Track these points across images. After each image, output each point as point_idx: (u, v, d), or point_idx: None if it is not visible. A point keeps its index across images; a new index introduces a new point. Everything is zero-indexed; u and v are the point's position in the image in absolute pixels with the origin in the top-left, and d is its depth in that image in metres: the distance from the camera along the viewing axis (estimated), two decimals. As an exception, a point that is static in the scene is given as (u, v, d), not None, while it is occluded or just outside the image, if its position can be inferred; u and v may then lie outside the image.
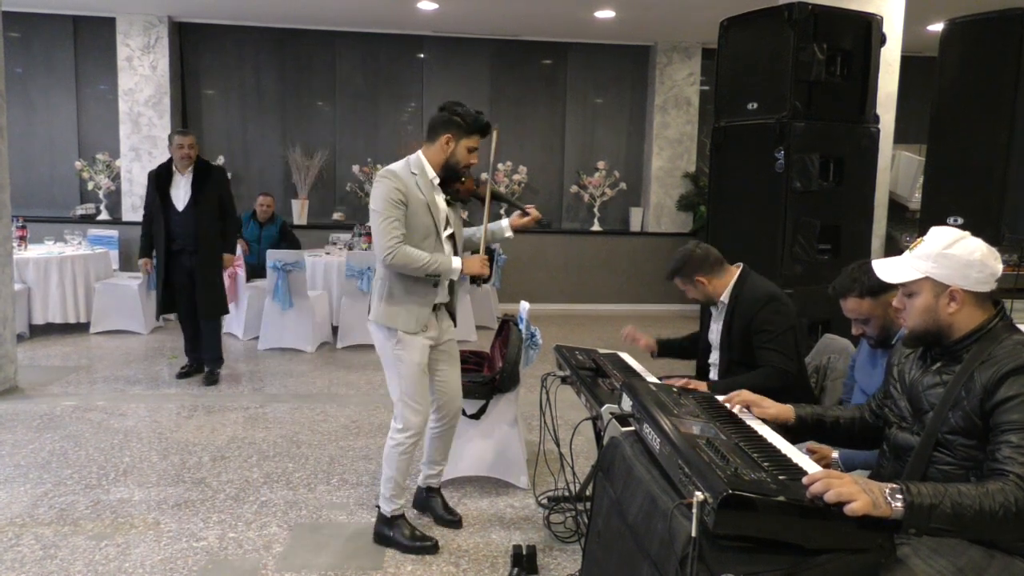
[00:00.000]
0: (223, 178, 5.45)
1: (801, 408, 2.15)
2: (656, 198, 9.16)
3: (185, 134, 5.24)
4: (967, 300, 1.81)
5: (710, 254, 3.09)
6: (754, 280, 3.07)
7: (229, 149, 8.79)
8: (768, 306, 2.96)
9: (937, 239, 1.84)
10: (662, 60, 8.99)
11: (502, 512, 3.42)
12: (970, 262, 1.79)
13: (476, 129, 2.98)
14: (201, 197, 5.18)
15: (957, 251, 1.80)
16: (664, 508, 1.65)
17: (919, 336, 1.89)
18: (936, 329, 1.85)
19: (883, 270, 1.92)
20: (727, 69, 4.90)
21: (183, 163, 5.19)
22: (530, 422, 4.39)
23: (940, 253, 1.81)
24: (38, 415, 4.59)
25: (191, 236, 5.18)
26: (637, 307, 8.95)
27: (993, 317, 1.82)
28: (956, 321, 1.82)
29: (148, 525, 3.21)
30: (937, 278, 1.82)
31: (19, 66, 8.36)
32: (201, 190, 5.19)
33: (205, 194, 5.20)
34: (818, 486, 1.52)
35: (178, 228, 5.19)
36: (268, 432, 4.41)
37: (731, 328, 3.04)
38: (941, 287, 1.82)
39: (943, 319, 1.83)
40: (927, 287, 1.84)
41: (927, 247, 1.84)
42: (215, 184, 5.27)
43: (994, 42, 4.21)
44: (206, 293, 5.28)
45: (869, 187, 4.78)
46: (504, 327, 3.83)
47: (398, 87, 8.98)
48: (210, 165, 5.38)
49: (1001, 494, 1.56)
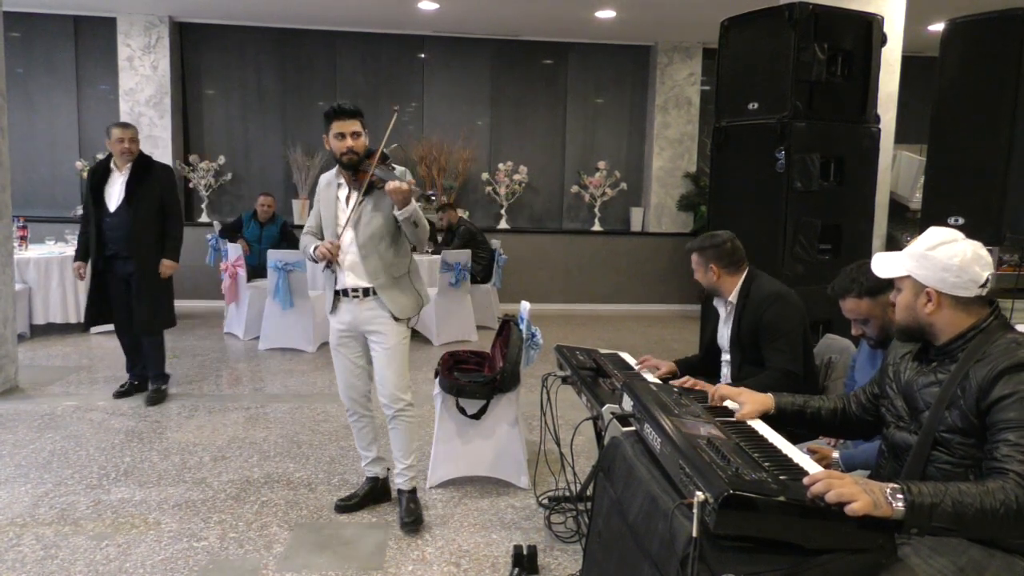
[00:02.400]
0: (167, 177, 4.89)
1: (781, 398, 2.16)
2: (657, 198, 9.16)
3: (125, 126, 4.72)
4: (945, 303, 1.83)
5: (736, 252, 3.10)
6: (762, 280, 3.08)
7: (230, 149, 8.80)
8: (775, 305, 2.96)
9: (926, 239, 1.86)
10: (663, 60, 8.99)
11: (502, 512, 3.43)
12: (947, 266, 1.80)
13: (329, 118, 3.13)
14: (137, 197, 4.65)
15: (939, 254, 1.82)
16: (665, 508, 1.65)
17: (902, 331, 1.94)
18: (916, 327, 1.88)
19: (877, 263, 1.96)
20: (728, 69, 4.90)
21: (122, 159, 4.67)
22: (531, 422, 4.39)
23: (922, 253, 1.84)
24: (39, 415, 4.59)
25: (123, 240, 4.65)
26: (637, 307, 8.95)
27: (986, 317, 1.83)
28: (936, 322, 1.84)
29: (149, 525, 3.21)
30: (916, 277, 1.85)
31: (20, 66, 8.37)
32: (137, 189, 4.66)
33: (142, 194, 4.66)
34: (819, 486, 1.52)
35: (110, 231, 4.67)
36: (269, 432, 4.42)
37: (740, 329, 3.04)
38: (920, 286, 1.85)
39: (922, 318, 1.85)
40: (908, 285, 1.88)
41: (915, 245, 1.87)
42: (156, 183, 4.73)
43: (995, 42, 4.21)
44: (140, 305, 4.73)
45: (870, 187, 4.78)
46: (505, 327, 3.83)
47: (398, 87, 8.98)
48: (152, 162, 4.83)
49: (1001, 492, 1.56)
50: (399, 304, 3.23)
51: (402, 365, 3.28)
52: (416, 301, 3.32)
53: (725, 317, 3.16)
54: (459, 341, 6.82)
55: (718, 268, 3.08)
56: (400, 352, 3.27)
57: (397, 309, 3.22)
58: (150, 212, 4.71)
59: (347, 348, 3.32)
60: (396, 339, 3.25)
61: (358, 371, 3.35)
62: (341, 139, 3.11)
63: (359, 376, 3.37)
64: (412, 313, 3.30)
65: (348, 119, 3.12)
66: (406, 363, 3.31)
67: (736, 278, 3.09)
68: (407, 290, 3.27)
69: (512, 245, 8.53)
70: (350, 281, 3.22)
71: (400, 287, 3.25)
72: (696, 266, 3.14)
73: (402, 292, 3.25)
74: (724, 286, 3.10)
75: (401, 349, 3.27)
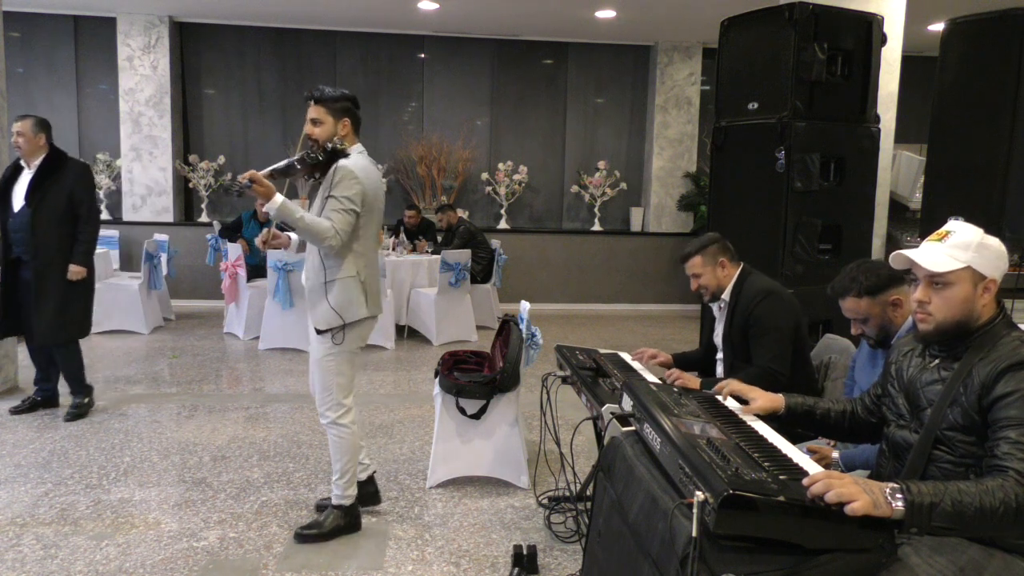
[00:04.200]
0: (80, 175, 4.45)
1: (791, 398, 2.16)
2: (657, 198, 9.16)
3: (22, 119, 4.33)
4: (994, 291, 1.84)
5: (730, 246, 3.14)
6: (754, 277, 3.09)
7: (230, 148, 8.80)
8: (765, 301, 2.97)
9: (970, 231, 1.85)
10: (663, 60, 8.99)
11: (502, 512, 3.42)
12: (1001, 253, 1.84)
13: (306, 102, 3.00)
14: (40, 195, 4.30)
15: (990, 242, 1.84)
16: (665, 508, 1.65)
17: (947, 328, 1.84)
18: (967, 320, 1.84)
19: (926, 259, 1.84)
20: (728, 69, 4.90)
21: (28, 157, 4.34)
22: (531, 422, 4.39)
23: (980, 243, 1.83)
24: (39, 415, 4.59)
25: (25, 242, 4.32)
26: (637, 307, 8.95)
27: (997, 315, 1.83)
28: (984, 313, 1.84)
29: (149, 525, 3.21)
30: (978, 268, 1.83)
31: (20, 66, 8.37)
32: (41, 187, 4.31)
33: (46, 192, 4.31)
34: (819, 486, 1.52)
35: (13, 232, 4.36)
36: (268, 432, 4.42)
37: (732, 326, 3.05)
38: (980, 277, 1.83)
39: (976, 309, 1.83)
40: (967, 277, 1.82)
41: (963, 237, 1.83)
42: (65, 181, 4.35)
43: (995, 42, 4.21)
44: (39, 312, 4.36)
45: (870, 187, 4.79)
46: (505, 327, 3.83)
47: (399, 87, 8.98)
48: (64, 159, 4.43)
49: (1001, 491, 1.56)
50: (319, 312, 2.95)
51: (328, 381, 3.00)
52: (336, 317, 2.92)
53: (719, 315, 3.17)
54: (459, 341, 6.82)
55: (728, 260, 3.09)
56: (324, 367, 2.99)
57: (316, 317, 2.97)
58: (54, 213, 4.34)
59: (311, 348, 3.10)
60: (321, 352, 2.99)
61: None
62: (312, 124, 2.97)
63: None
64: (330, 326, 2.93)
65: (311, 104, 2.96)
66: (334, 381, 3.01)
67: (731, 271, 3.11)
68: (337, 298, 2.92)
69: (512, 245, 8.53)
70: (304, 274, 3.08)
71: (329, 293, 2.93)
72: (701, 269, 3.09)
73: (320, 302, 2.94)
74: (725, 279, 3.10)
75: (325, 364, 2.99)
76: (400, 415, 4.79)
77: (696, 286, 3.15)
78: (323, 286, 2.94)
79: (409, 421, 4.68)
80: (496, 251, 7.72)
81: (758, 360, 2.93)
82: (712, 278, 3.10)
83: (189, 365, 5.90)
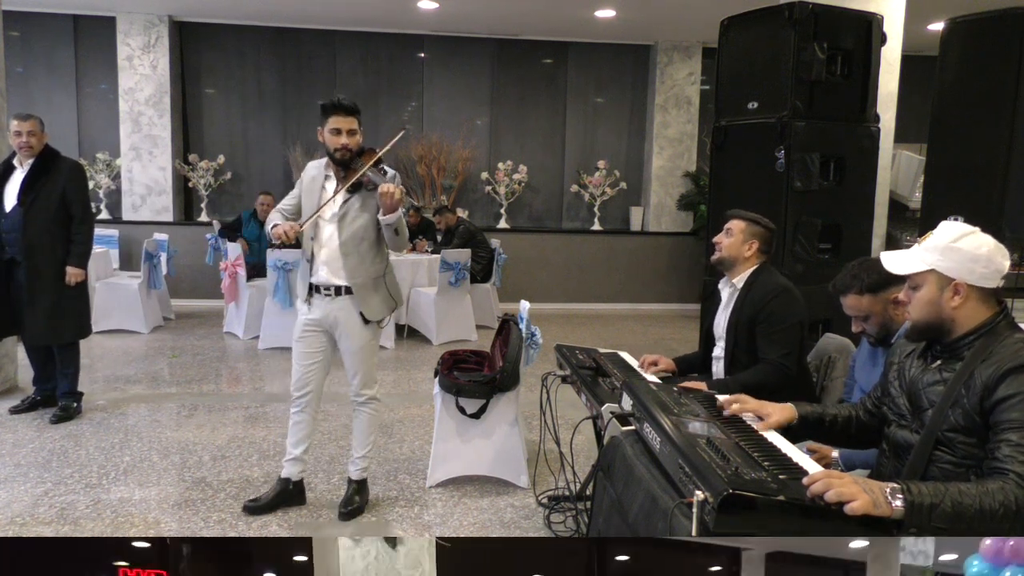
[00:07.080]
0: (74, 174, 4.41)
1: (802, 407, 2.14)
2: (656, 197, 9.16)
3: (24, 118, 4.28)
4: (971, 295, 1.81)
5: (772, 245, 3.14)
6: (771, 272, 3.10)
7: (230, 148, 8.80)
8: (779, 297, 2.97)
9: (946, 232, 1.84)
10: (663, 59, 8.99)
11: (502, 511, 3.42)
12: (976, 256, 1.80)
13: (327, 112, 3.12)
14: (33, 195, 4.24)
15: (964, 245, 1.81)
16: (664, 507, 1.65)
17: (922, 329, 1.89)
18: (938, 323, 1.84)
19: (890, 261, 1.92)
20: (728, 68, 4.91)
21: (23, 154, 4.28)
22: (530, 421, 4.39)
23: (947, 246, 1.82)
24: (38, 414, 4.59)
25: (18, 242, 4.27)
26: (637, 307, 8.95)
27: (997, 315, 1.82)
28: (959, 316, 1.82)
29: (148, 524, 3.21)
30: (942, 271, 1.82)
31: (20, 65, 8.37)
32: (34, 186, 4.25)
33: (40, 191, 4.26)
34: (818, 486, 1.52)
35: (6, 232, 4.30)
36: (268, 431, 4.41)
37: (739, 315, 3.05)
38: (945, 280, 1.82)
39: (946, 313, 1.83)
40: (932, 279, 1.84)
41: (935, 240, 1.84)
42: (58, 181, 4.30)
43: (995, 41, 4.22)
44: (33, 312, 4.33)
45: (870, 186, 4.79)
46: (504, 326, 3.83)
47: (398, 86, 8.98)
48: (58, 157, 4.38)
49: (1001, 493, 1.56)
50: (371, 306, 3.24)
51: (371, 365, 3.34)
52: (388, 304, 3.32)
53: (726, 301, 3.16)
54: (459, 340, 6.82)
55: (758, 248, 3.08)
56: (369, 353, 3.31)
57: (369, 311, 3.23)
58: (47, 212, 4.27)
59: (307, 342, 3.29)
60: (364, 340, 3.27)
61: (316, 367, 3.31)
62: (337, 135, 3.10)
63: (316, 372, 3.32)
64: (383, 315, 3.30)
65: (346, 116, 3.11)
66: (374, 362, 3.37)
67: (753, 260, 3.10)
68: (381, 292, 3.27)
69: (512, 244, 8.53)
70: (324, 276, 3.20)
71: (375, 289, 3.25)
72: (736, 231, 3.09)
73: (376, 294, 3.25)
74: (742, 266, 3.09)
75: (369, 350, 3.31)
76: (400, 414, 4.79)
77: (719, 241, 3.14)
78: (380, 279, 3.27)
79: (409, 420, 4.68)
80: (496, 251, 7.71)
81: (768, 354, 2.93)
82: (735, 248, 3.09)
83: (189, 364, 5.90)
